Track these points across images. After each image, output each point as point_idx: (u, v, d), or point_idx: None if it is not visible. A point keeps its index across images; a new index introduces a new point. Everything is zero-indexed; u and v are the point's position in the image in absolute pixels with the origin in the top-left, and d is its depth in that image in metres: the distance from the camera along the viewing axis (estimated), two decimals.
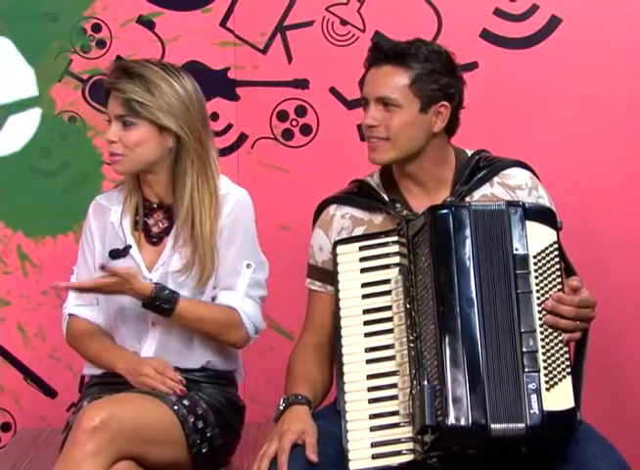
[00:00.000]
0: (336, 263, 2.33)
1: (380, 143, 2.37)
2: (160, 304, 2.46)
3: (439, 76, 2.35)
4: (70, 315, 2.63)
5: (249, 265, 2.56)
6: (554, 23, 3.14)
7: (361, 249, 2.32)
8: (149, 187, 2.58)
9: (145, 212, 2.60)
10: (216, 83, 3.18)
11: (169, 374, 2.48)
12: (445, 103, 2.36)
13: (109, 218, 2.60)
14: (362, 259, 2.32)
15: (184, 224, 2.52)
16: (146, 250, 2.58)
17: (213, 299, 2.57)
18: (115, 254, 2.57)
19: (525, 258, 2.17)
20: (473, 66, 3.11)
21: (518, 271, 2.15)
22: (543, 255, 2.18)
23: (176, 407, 2.40)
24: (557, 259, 2.19)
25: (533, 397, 2.08)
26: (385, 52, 2.36)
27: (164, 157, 2.52)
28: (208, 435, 2.44)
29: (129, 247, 2.56)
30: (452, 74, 2.38)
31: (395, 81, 2.34)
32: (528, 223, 2.19)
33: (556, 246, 2.20)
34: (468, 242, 2.18)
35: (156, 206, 2.59)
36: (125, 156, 2.49)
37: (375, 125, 2.36)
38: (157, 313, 2.49)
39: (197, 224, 2.51)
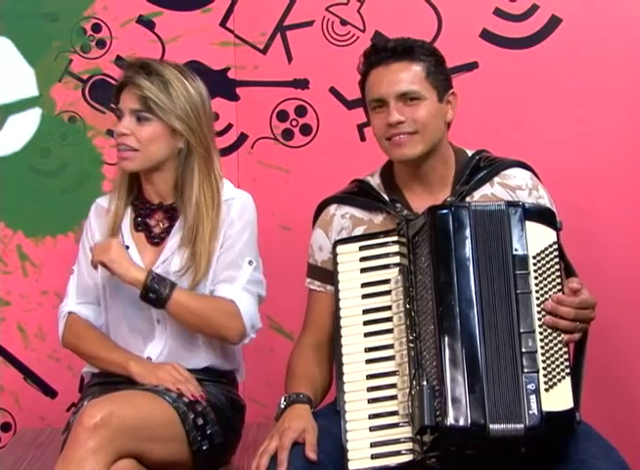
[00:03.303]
0: (336, 263, 2.33)
1: (408, 138, 2.37)
2: (155, 292, 2.46)
3: (443, 68, 2.41)
4: (70, 313, 2.62)
5: (250, 262, 2.58)
6: (554, 23, 3.13)
7: (361, 249, 2.33)
8: (151, 186, 2.59)
9: (145, 213, 2.60)
10: (216, 83, 3.17)
11: (191, 382, 2.49)
12: (454, 91, 2.41)
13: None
14: (362, 259, 2.32)
15: (187, 227, 2.53)
16: (147, 250, 2.59)
17: (211, 293, 2.57)
18: None
19: (524, 259, 2.16)
20: (473, 66, 3.11)
21: (517, 272, 2.15)
22: (543, 255, 2.18)
23: (176, 404, 2.40)
24: (557, 260, 2.19)
25: (532, 397, 2.07)
26: (390, 50, 2.37)
27: (174, 156, 2.54)
28: (209, 432, 2.44)
29: (127, 248, 2.56)
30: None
31: (413, 75, 2.36)
32: (528, 224, 2.19)
33: (556, 246, 2.20)
34: (467, 242, 2.18)
35: (156, 206, 2.60)
36: (138, 151, 2.50)
37: (403, 121, 2.36)
38: (151, 303, 2.48)
39: (200, 229, 2.52)
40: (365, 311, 2.28)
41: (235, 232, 2.56)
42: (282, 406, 2.27)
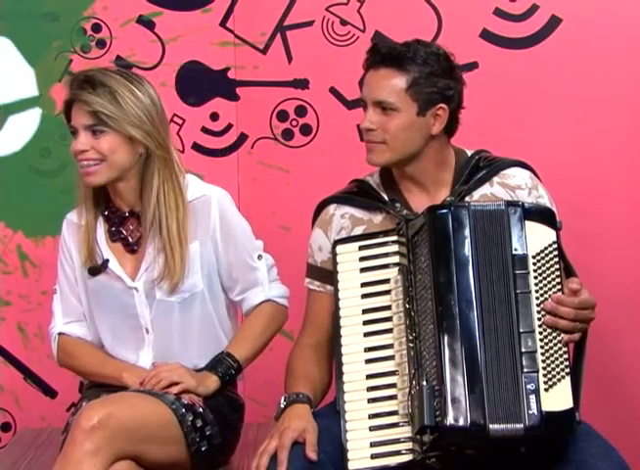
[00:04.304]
0: (335, 263, 2.33)
1: (375, 146, 2.37)
2: (229, 374, 2.52)
3: (437, 79, 2.33)
4: (60, 334, 2.62)
5: (259, 257, 2.61)
6: (554, 23, 3.14)
7: (361, 248, 2.32)
8: (118, 196, 2.55)
9: (119, 222, 2.58)
10: (216, 83, 3.19)
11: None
12: (443, 105, 2.35)
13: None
14: (362, 259, 2.32)
15: (152, 228, 2.51)
16: (126, 259, 2.57)
17: (234, 303, 2.63)
18: (94, 270, 2.56)
19: (524, 259, 2.16)
20: (473, 66, 3.11)
21: (517, 271, 2.15)
22: (542, 255, 2.18)
23: (174, 406, 2.39)
24: (556, 260, 2.19)
25: (532, 397, 2.07)
26: (382, 54, 2.35)
27: (135, 162, 2.51)
28: (208, 433, 2.44)
29: (107, 261, 2.55)
30: (450, 76, 2.36)
31: (392, 85, 2.33)
32: (528, 223, 2.19)
33: (555, 246, 2.20)
34: (467, 242, 2.18)
35: (127, 214, 2.57)
36: (103, 161, 2.46)
37: (372, 129, 2.36)
38: (233, 378, 2.57)
39: (163, 228, 2.50)
40: (365, 311, 2.27)
41: (224, 235, 2.56)
42: (282, 406, 2.27)
